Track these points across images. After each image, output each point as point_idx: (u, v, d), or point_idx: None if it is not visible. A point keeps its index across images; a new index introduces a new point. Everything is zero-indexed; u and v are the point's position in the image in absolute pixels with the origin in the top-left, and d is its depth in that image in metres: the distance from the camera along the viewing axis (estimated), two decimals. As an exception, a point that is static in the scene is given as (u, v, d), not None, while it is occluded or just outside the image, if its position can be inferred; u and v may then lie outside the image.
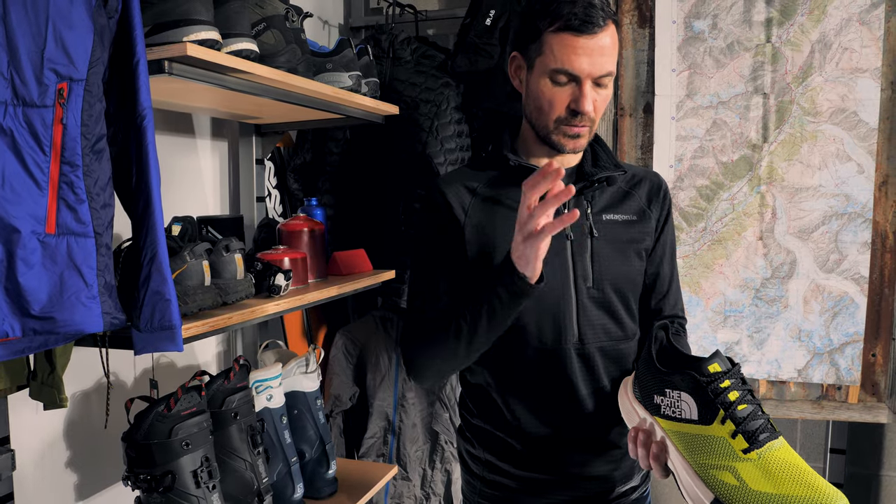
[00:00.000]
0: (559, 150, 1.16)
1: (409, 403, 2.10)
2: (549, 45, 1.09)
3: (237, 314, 1.20)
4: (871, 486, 2.19)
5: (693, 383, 0.91)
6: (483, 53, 1.94)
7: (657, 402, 0.96)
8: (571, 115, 1.11)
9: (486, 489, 1.25)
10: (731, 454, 0.87)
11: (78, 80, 0.93)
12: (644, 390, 0.99)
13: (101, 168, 0.97)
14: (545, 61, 1.10)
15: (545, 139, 1.16)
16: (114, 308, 0.98)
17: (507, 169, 1.20)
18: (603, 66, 1.09)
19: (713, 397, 0.89)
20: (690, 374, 0.92)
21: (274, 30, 1.36)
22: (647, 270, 1.25)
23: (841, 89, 1.77)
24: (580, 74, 1.08)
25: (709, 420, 0.90)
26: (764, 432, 0.88)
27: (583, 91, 1.09)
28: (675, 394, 0.93)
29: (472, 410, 1.26)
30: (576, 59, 1.07)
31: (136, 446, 1.20)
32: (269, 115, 1.75)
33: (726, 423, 0.88)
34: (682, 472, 0.92)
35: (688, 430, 0.92)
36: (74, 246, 0.94)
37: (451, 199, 1.19)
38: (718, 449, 0.88)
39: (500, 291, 1.06)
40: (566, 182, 1.20)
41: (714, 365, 0.91)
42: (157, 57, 1.08)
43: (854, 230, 1.80)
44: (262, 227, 1.72)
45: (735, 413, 0.88)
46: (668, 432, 0.95)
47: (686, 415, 0.92)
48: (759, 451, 0.86)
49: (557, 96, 1.11)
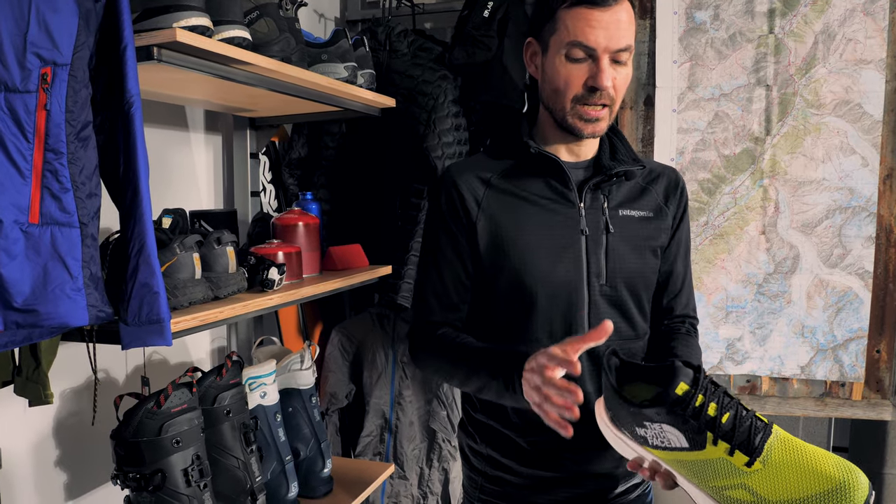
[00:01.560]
0: (577, 134, 1.12)
1: (405, 401, 2.07)
2: (564, 20, 1.06)
3: (229, 308, 1.17)
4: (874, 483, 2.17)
5: (669, 414, 0.86)
6: (481, 46, 1.91)
7: (641, 434, 0.91)
8: (589, 93, 1.07)
9: (488, 485, 1.22)
10: (736, 472, 0.84)
11: (62, 65, 0.90)
12: (624, 423, 0.94)
13: (86, 156, 0.94)
14: (560, 38, 1.07)
15: (562, 123, 1.12)
16: (100, 301, 0.95)
17: (525, 158, 1.16)
18: (620, 40, 1.05)
19: (695, 421, 0.85)
20: (662, 406, 0.87)
21: (267, 18, 1.33)
22: (661, 268, 1.21)
23: (845, 81, 1.75)
24: (596, 48, 1.04)
25: (700, 445, 0.86)
26: (758, 433, 0.84)
27: (600, 66, 1.05)
28: (656, 426, 0.88)
29: (475, 405, 1.24)
30: (591, 31, 1.04)
31: (125, 444, 1.17)
32: (264, 108, 1.72)
33: (719, 443, 0.85)
34: (697, 494, 0.89)
35: (684, 457, 0.88)
36: (59, 236, 0.91)
37: (464, 191, 1.16)
38: (722, 470, 0.85)
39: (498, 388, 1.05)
40: (584, 175, 1.17)
41: (680, 385, 0.86)
42: (146, 43, 1.05)
43: (858, 224, 1.77)
44: (257, 221, 1.70)
45: (722, 429, 0.85)
46: (668, 462, 0.91)
47: (675, 444, 0.88)
48: (762, 459, 0.83)
49: (574, 73, 1.07)
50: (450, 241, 1.17)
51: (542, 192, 1.15)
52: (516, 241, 1.13)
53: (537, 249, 1.12)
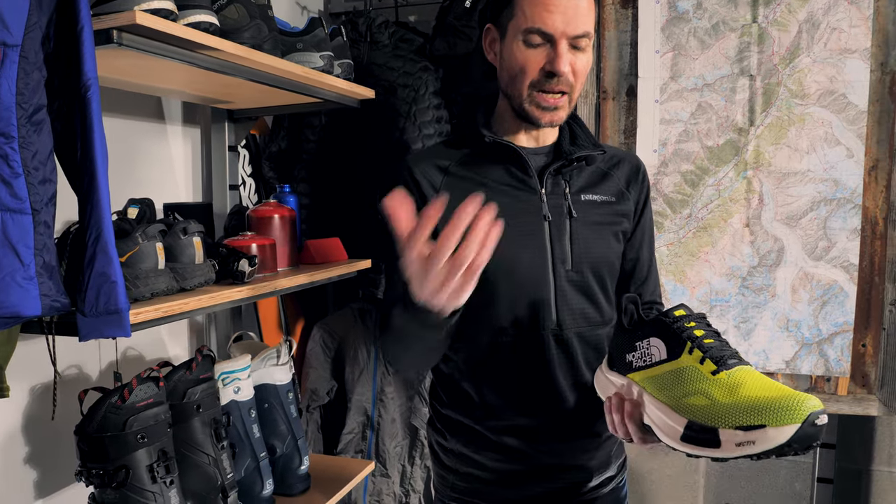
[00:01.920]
0: (535, 123, 1.11)
1: (387, 398, 2.04)
2: (521, 5, 1.05)
3: (195, 300, 1.14)
4: (860, 480, 2.15)
5: (660, 326, 0.93)
6: (462, 36, 1.89)
7: (629, 359, 0.97)
8: (546, 78, 1.06)
9: (459, 482, 1.20)
10: (701, 378, 0.87)
11: (12, 46, 0.87)
12: (617, 356, 1.00)
13: (40, 140, 0.92)
14: (517, 23, 1.06)
15: (519, 111, 1.11)
16: (54, 290, 0.92)
17: (482, 146, 1.15)
18: (578, 25, 1.04)
19: (680, 333, 0.91)
20: (657, 319, 0.94)
21: (237, 4, 1.30)
22: (627, 255, 1.21)
23: (829, 71, 1.73)
24: (553, 32, 1.03)
25: (678, 354, 0.91)
26: (732, 358, 0.89)
27: (558, 51, 1.04)
28: (645, 342, 0.95)
29: (442, 400, 1.21)
30: (548, 16, 1.03)
31: (89, 439, 1.14)
32: (241, 100, 1.69)
33: (694, 352, 0.90)
34: (657, 414, 0.91)
35: (659, 371, 0.92)
36: (9, 223, 0.88)
37: (420, 178, 1.14)
38: (689, 376, 0.89)
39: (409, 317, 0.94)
40: (544, 161, 1.15)
41: (679, 311, 0.94)
42: (105, 26, 1.02)
43: (843, 216, 1.75)
44: (233, 214, 1.67)
45: (702, 343, 0.90)
46: (641, 382, 0.95)
47: (656, 358, 0.93)
48: (728, 372, 0.86)
49: (531, 58, 1.06)
50: None
51: (502, 179, 1.13)
52: None
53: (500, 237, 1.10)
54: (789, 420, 0.77)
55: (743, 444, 0.80)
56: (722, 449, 0.82)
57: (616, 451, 1.23)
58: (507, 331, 1.12)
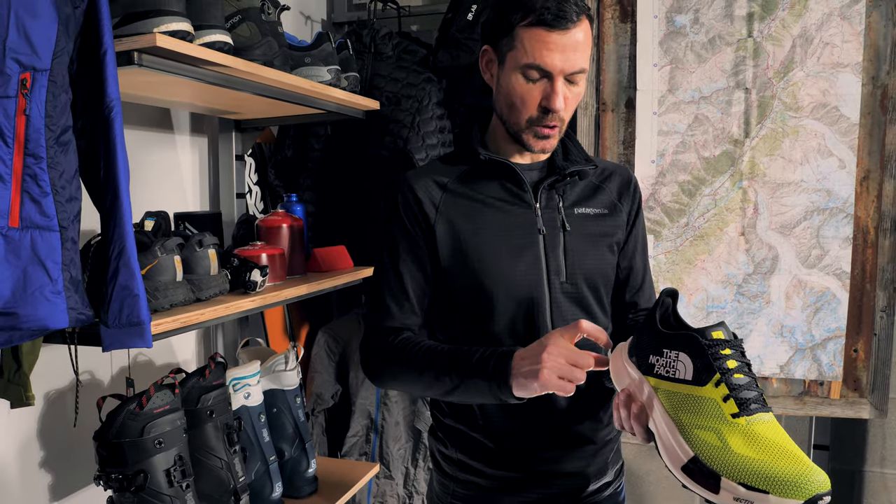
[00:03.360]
0: (528, 149, 1.16)
1: (391, 402, 2.08)
2: (521, 39, 1.07)
3: (210, 310, 1.18)
4: (853, 482, 2.20)
5: (694, 344, 0.91)
6: (465, 48, 1.93)
7: (652, 361, 0.95)
8: (543, 114, 1.10)
9: (459, 489, 1.23)
10: (719, 416, 0.87)
11: (42, 70, 0.91)
12: (640, 351, 0.98)
13: (66, 160, 0.96)
14: (517, 56, 1.08)
15: (515, 137, 1.15)
16: (80, 303, 0.96)
17: (478, 163, 1.18)
18: (575, 63, 1.07)
19: (712, 361, 0.89)
20: (693, 336, 0.91)
21: (249, 22, 1.34)
22: (620, 264, 1.24)
23: (822, 84, 1.77)
24: (552, 71, 1.06)
25: (703, 381, 0.89)
26: (756, 403, 0.87)
27: (554, 88, 1.07)
28: (673, 353, 0.92)
29: (443, 409, 1.25)
30: (548, 54, 1.05)
31: (108, 445, 1.18)
32: (249, 111, 1.73)
33: (720, 386, 0.87)
34: (664, 429, 0.91)
35: (679, 389, 0.91)
36: (39, 240, 0.92)
37: (421, 195, 1.17)
38: (707, 410, 0.88)
39: (482, 387, 1.04)
40: (538, 177, 1.20)
41: (718, 332, 0.91)
42: (127, 48, 1.06)
43: (836, 225, 1.80)
44: (241, 223, 1.70)
45: (731, 379, 0.87)
46: (656, 390, 0.94)
47: (680, 375, 0.91)
48: (748, 419, 0.85)
49: (529, 94, 1.09)
50: (408, 246, 1.18)
51: (497, 195, 1.17)
52: (474, 243, 1.14)
53: (496, 250, 1.14)
54: (794, 495, 0.78)
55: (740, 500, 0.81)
56: (719, 496, 0.83)
57: (613, 458, 1.26)
58: (504, 342, 1.15)
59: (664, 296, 1.01)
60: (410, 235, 1.18)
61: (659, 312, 0.99)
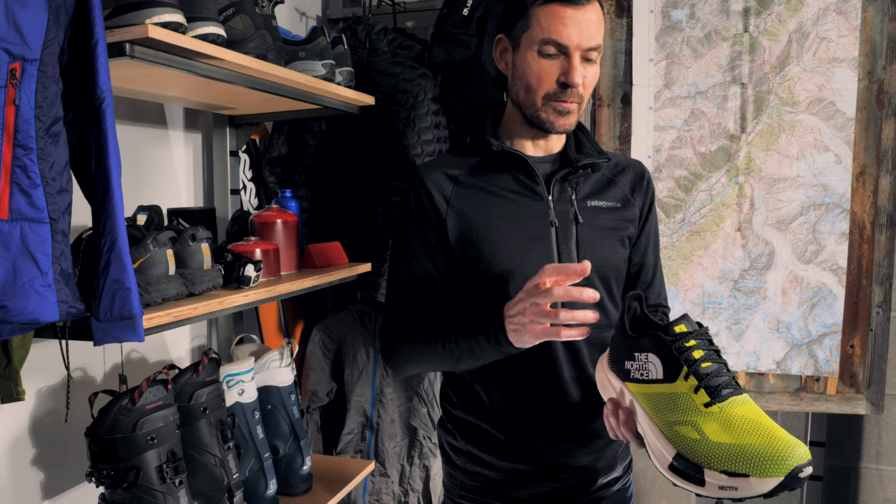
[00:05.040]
0: (548, 129, 1.14)
1: (387, 399, 2.08)
2: (537, 17, 1.07)
3: (203, 305, 1.17)
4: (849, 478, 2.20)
5: (659, 343, 0.92)
6: (460, 44, 1.92)
7: (627, 367, 0.97)
8: (561, 89, 1.09)
9: (468, 481, 1.23)
10: (693, 409, 0.88)
11: (31, 60, 0.90)
12: (616, 358, 0.99)
13: (57, 152, 0.94)
14: (532, 35, 1.08)
15: (533, 119, 1.14)
16: (71, 297, 0.95)
17: (490, 155, 1.18)
18: (592, 38, 1.07)
19: (677, 355, 0.90)
20: (656, 334, 0.93)
21: (243, 15, 1.33)
22: (632, 259, 1.23)
23: (818, 79, 1.77)
24: (569, 45, 1.06)
25: (673, 377, 0.90)
26: (727, 388, 0.88)
27: (572, 63, 1.07)
28: (643, 356, 0.94)
29: (453, 402, 1.24)
30: (563, 28, 1.06)
31: (100, 441, 1.16)
32: (243, 106, 1.72)
33: (689, 378, 0.89)
34: (649, 433, 0.92)
35: (654, 389, 0.92)
36: (28, 232, 0.91)
37: (432, 189, 1.17)
38: (682, 405, 0.89)
39: (482, 343, 1.06)
40: (551, 169, 1.19)
41: (680, 326, 0.92)
42: (118, 39, 1.05)
43: (832, 221, 1.80)
44: (236, 219, 1.69)
45: (698, 369, 0.89)
46: (636, 395, 0.95)
47: (652, 375, 0.93)
48: (720, 405, 0.86)
49: (546, 69, 1.09)
50: (420, 240, 1.18)
51: (509, 187, 1.16)
52: (486, 235, 1.14)
53: (507, 242, 1.14)
54: (773, 473, 0.79)
55: (726, 488, 0.82)
56: (705, 488, 0.84)
57: (622, 453, 1.26)
58: None
59: (630, 300, 1.02)
60: (423, 231, 1.18)
61: (627, 317, 1.00)
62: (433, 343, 1.12)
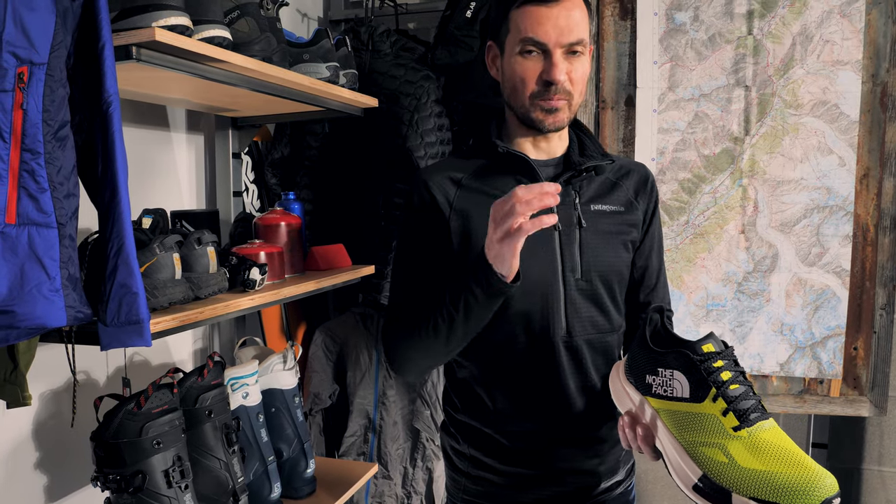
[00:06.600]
0: (539, 128, 1.14)
1: (389, 401, 2.07)
2: (515, 20, 1.09)
3: (209, 308, 1.16)
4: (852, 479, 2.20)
5: (686, 362, 0.91)
6: (463, 46, 1.92)
7: (648, 381, 0.96)
8: (545, 87, 1.10)
9: (471, 485, 1.23)
10: (721, 432, 0.87)
11: (39, 64, 0.90)
12: (636, 371, 0.99)
13: (64, 156, 0.94)
14: (513, 37, 1.10)
15: (525, 120, 1.14)
16: (78, 301, 0.95)
17: (495, 157, 1.18)
18: (571, 33, 1.07)
19: (706, 376, 0.89)
20: (684, 352, 0.92)
21: (248, 17, 1.33)
22: (636, 263, 1.23)
23: (822, 82, 1.77)
24: (547, 42, 1.07)
25: (700, 398, 0.89)
26: (755, 412, 0.88)
27: (552, 60, 1.08)
28: (668, 372, 0.93)
29: (456, 405, 1.24)
30: (539, 27, 1.07)
31: (105, 445, 1.16)
32: (246, 108, 1.72)
33: (718, 400, 0.88)
34: (671, 450, 0.92)
35: (679, 408, 0.92)
36: (36, 237, 0.90)
37: (435, 192, 1.17)
38: (709, 426, 0.88)
39: (475, 290, 1.04)
40: (554, 172, 1.19)
41: (708, 345, 0.92)
42: (125, 42, 1.04)
43: (835, 223, 1.80)
44: (239, 221, 1.69)
45: (727, 392, 0.88)
46: (658, 411, 0.94)
47: (678, 393, 0.92)
48: (749, 430, 0.86)
49: (529, 69, 1.10)
50: (423, 243, 1.18)
51: None
52: None
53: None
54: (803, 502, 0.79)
55: None
56: None
57: (625, 457, 1.26)
58: (518, 337, 1.14)
59: (652, 312, 1.01)
60: (425, 233, 1.17)
61: (649, 330, 1.00)
62: (430, 320, 1.09)
